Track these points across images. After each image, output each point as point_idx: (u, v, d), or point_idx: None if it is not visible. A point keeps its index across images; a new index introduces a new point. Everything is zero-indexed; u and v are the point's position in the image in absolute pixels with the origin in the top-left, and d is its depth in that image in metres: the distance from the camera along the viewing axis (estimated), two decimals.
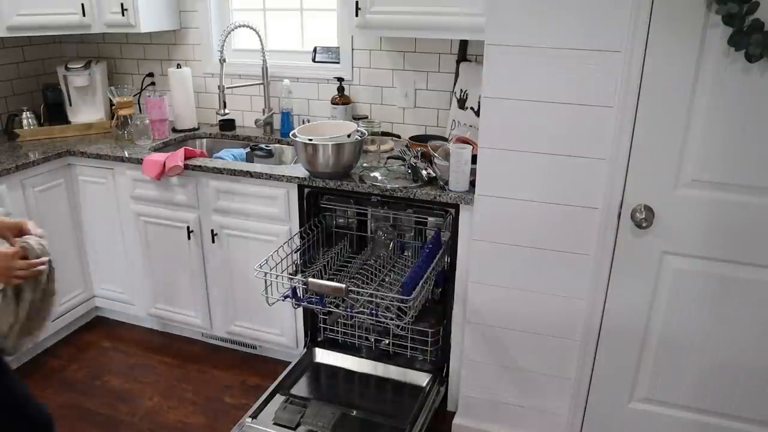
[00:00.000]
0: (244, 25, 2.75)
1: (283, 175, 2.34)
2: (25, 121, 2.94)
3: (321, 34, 2.97)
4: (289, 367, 2.45)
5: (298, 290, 2.14)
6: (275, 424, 2.14)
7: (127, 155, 2.63)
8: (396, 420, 2.19)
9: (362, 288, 2.06)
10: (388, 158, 2.42)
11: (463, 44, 2.60)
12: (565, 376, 2.08)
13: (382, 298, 1.97)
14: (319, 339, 2.64)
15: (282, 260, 2.16)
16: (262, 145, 2.91)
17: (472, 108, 2.49)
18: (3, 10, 2.64)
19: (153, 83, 3.23)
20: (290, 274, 2.14)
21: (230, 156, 2.76)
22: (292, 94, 2.95)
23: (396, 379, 2.44)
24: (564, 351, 2.05)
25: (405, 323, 1.97)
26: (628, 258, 1.87)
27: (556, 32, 1.70)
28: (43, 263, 1.52)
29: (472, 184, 2.05)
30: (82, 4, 2.75)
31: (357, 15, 2.37)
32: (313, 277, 2.21)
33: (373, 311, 1.99)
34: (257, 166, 2.47)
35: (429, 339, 2.38)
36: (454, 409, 2.39)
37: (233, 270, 2.61)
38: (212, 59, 3.06)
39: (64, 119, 3.14)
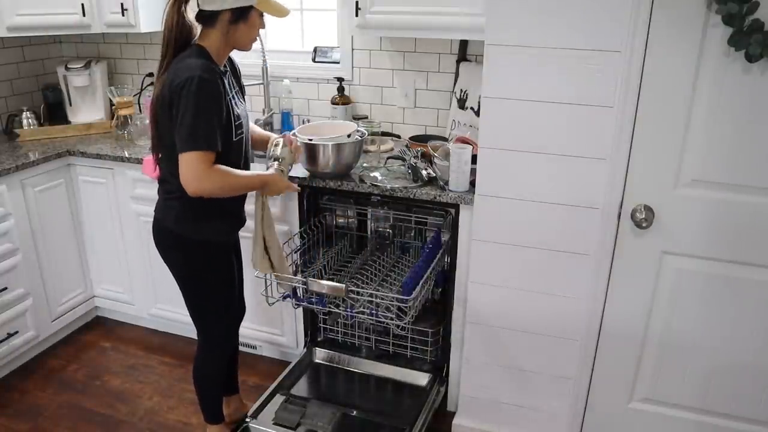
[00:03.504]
0: None
1: None
2: (25, 121, 2.94)
3: (321, 34, 2.97)
4: (289, 367, 2.45)
5: (298, 290, 2.14)
6: (275, 424, 2.14)
7: (127, 155, 2.63)
8: (396, 420, 2.19)
9: (362, 288, 2.06)
10: (388, 158, 2.42)
11: (463, 44, 2.60)
12: (565, 376, 2.08)
13: (382, 298, 1.97)
14: (319, 339, 2.64)
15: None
16: None
17: (472, 108, 2.49)
18: (3, 10, 2.64)
19: (153, 83, 3.23)
20: (290, 274, 2.14)
21: None
22: (292, 94, 2.95)
23: (396, 379, 2.44)
24: (564, 351, 2.05)
25: (405, 323, 1.97)
26: (628, 258, 1.87)
27: (556, 32, 1.70)
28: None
29: (472, 184, 2.05)
30: (82, 4, 2.75)
31: (357, 15, 2.37)
32: (313, 277, 2.21)
33: (373, 311, 1.99)
34: (257, 166, 2.47)
35: (429, 339, 2.38)
36: (454, 409, 2.39)
37: None
38: None
39: (64, 119, 3.14)
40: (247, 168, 1.93)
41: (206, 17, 1.75)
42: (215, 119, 1.71)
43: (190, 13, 1.77)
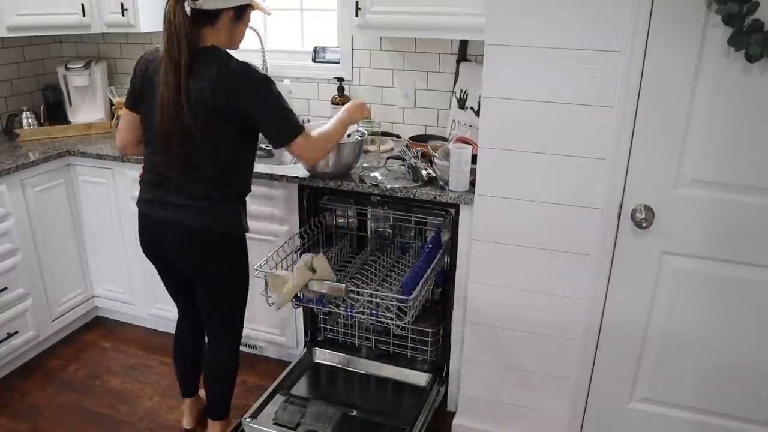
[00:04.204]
0: None
1: (283, 175, 2.34)
2: (25, 121, 2.94)
3: (321, 34, 2.97)
4: (289, 367, 2.45)
5: None
6: (275, 424, 2.14)
7: (127, 155, 2.63)
8: (396, 420, 2.19)
9: (362, 288, 2.06)
10: (388, 158, 2.42)
11: (463, 44, 2.60)
12: (565, 376, 2.08)
13: (382, 298, 1.96)
14: (319, 339, 2.64)
15: (282, 260, 2.16)
16: (262, 145, 2.90)
17: (472, 108, 2.49)
18: (3, 10, 2.64)
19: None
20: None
21: None
22: (292, 94, 2.95)
23: (396, 379, 2.44)
24: (564, 351, 2.05)
25: (405, 323, 1.96)
26: (628, 258, 1.87)
27: (556, 32, 1.70)
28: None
29: (472, 184, 2.05)
30: (82, 4, 2.75)
31: (357, 15, 2.37)
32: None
33: (373, 311, 1.98)
34: (257, 166, 2.47)
35: (429, 339, 2.38)
36: (454, 409, 2.39)
37: None
38: None
39: (64, 119, 3.14)
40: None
41: (208, 16, 1.73)
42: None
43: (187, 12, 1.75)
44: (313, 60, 2.92)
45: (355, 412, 2.24)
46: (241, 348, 2.80)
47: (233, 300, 2.04)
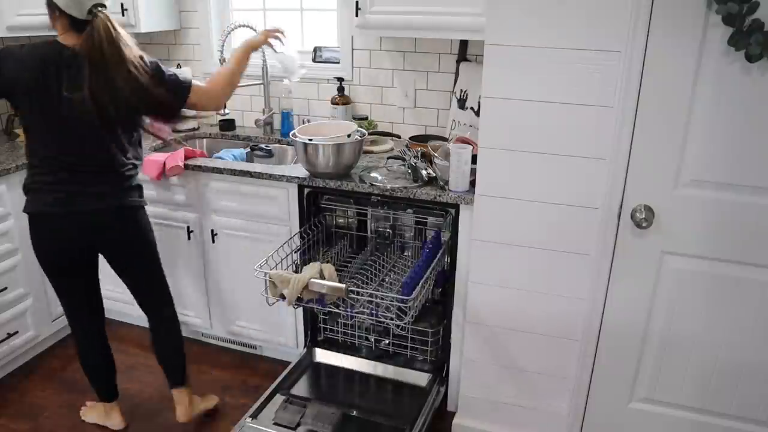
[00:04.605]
0: (244, 25, 2.75)
1: (283, 175, 2.35)
2: None
3: (321, 34, 2.97)
4: (289, 367, 2.45)
5: None
6: (275, 424, 2.14)
7: None
8: (396, 420, 2.19)
9: (362, 288, 2.06)
10: (388, 158, 2.42)
11: (463, 44, 2.60)
12: (565, 376, 2.08)
13: (382, 298, 1.97)
14: (319, 339, 2.64)
15: (282, 260, 2.16)
16: (262, 145, 2.91)
17: (472, 108, 2.49)
18: (3, 10, 2.64)
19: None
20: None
21: (230, 156, 2.76)
22: (292, 94, 2.95)
23: (396, 379, 2.44)
24: (564, 351, 2.05)
25: (405, 323, 1.97)
26: (628, 258, 1.87)
27: (556, 32, 1.70)
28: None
29: (472, 184, 2.05)
30: None
31: (357, 15, 2.37)
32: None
33: (373, 311, 1.98)
34: (257, 166, 2.47)
35: (429, 339, 2.38)
36: (454, 409, 2.39)
37: (233, 270, 2.61)
38: (212, 59, 3.06)
39: None
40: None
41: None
42: None
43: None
44: (313, 60, 2.92)
45: (355, 412, 2.24)
46: (241, 348, 2.82)
47: (159, 263, 2.21)
